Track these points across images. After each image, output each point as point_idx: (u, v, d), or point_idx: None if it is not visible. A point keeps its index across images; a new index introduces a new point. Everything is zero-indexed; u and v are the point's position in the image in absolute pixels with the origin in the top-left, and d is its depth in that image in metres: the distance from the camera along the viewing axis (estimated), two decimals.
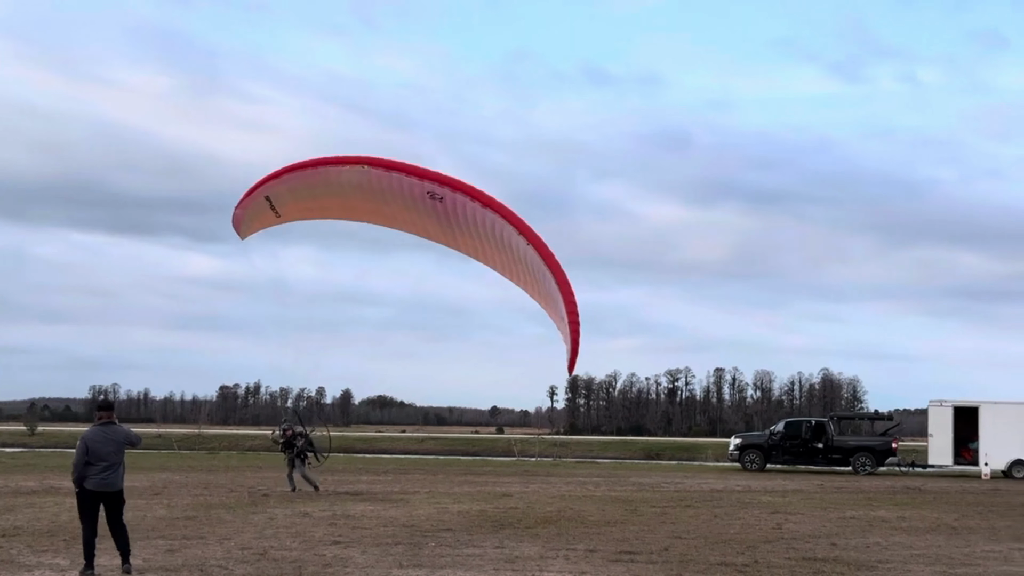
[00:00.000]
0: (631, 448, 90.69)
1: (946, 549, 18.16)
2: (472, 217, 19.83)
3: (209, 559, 15.21)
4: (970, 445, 45.84)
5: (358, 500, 26.11)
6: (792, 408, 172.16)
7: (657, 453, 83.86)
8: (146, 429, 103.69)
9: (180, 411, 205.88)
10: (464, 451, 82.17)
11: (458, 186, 19.68)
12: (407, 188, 19.78)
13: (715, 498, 29.26)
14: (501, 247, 20.19)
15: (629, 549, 17.17)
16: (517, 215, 19.77)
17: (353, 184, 20.22)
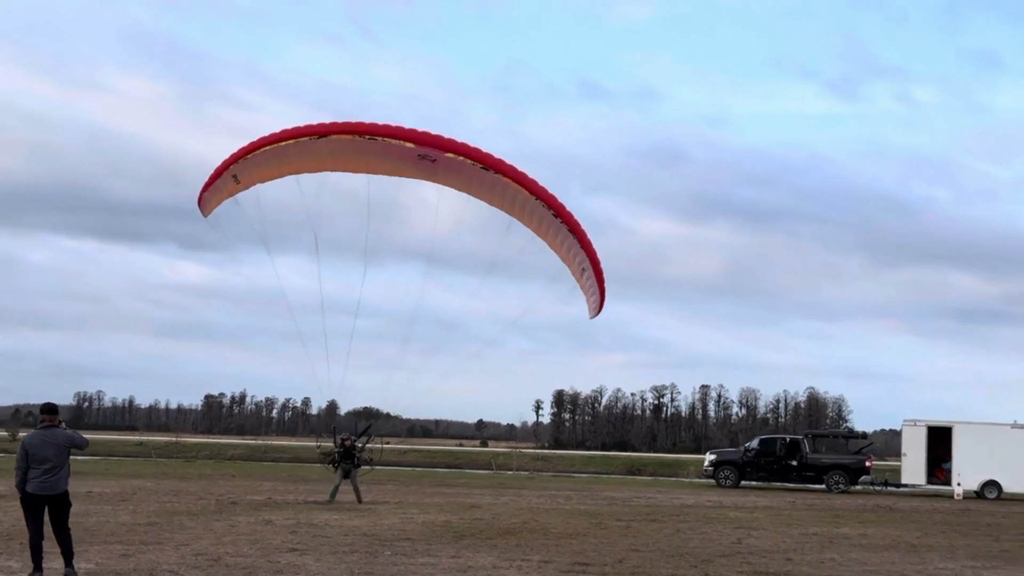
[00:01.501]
0: (612, 463, 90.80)
1: (900, 566, 18.28)
2: (469, 175, 19.84)
3: (161, 564, 15.28)
4: (944, 465, 45.99)
5: (325, 509, 26.16)
6: (777, 426, 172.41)
7: (639, 469, 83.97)
8: (127, 437, 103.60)
9: (165, 419, 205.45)
10: (446, 464, 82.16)
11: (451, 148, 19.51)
12: (395, 151, 19.54)
13: (683, 513, 29.35)
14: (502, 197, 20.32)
15: (584, 561, 17.26)
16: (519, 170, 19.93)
17: (328, 151, 19.82)
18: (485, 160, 19.56)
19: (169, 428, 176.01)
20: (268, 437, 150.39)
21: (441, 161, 19.38)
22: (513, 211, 20.82)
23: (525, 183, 19.99)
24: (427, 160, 19.38)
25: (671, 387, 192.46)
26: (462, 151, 19.43)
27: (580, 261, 20.77)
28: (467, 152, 19.47)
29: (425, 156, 19.29)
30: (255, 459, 78.20)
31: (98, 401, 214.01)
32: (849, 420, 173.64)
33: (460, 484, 42.42)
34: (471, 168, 19.56)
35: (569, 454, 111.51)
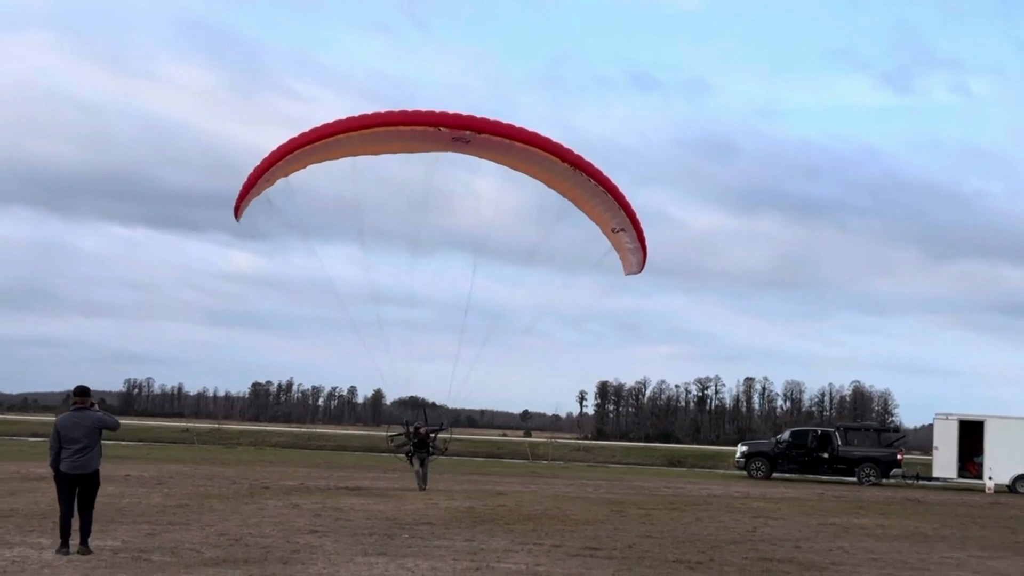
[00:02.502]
0: (653, 455, 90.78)
1: (906, 555, 18.62)
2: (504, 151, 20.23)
3: (184, 543, 15.94)
4: (976, 459, 46.01)
5: (353, 495, 26.83)
6: (821, 419, 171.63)
7: (679, 460, 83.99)
8: (174, 424, 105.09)
9: (213, 407, 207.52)
10: (488, 453, 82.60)
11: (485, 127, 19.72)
12: (429, 136, 19.79)
13: (706, 503, 29.77)
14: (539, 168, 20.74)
15: (594, 545, 17.75)
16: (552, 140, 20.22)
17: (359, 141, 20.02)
18: (518, 135, 19.84)
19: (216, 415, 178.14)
20: (313, 425, 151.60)
21: (475, 141, 19.76)
22: (551, 182, 21.20)
23: (559, 152, 20.23)
24: (460, 142, 19.79)
25: (715, 379, 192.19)
26: (494, 129, 19.71)
27: (618, 222, 21.05)
28: (499, 130, 19.75)
29: (459, 138, 19.66)
30: (299, 446, 79.08)
31: (147, 388, 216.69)
32: (895, 414, 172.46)
33: (493, 473, 43.02)
34: (506, 145, 19.92)
35: (610, 445, 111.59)
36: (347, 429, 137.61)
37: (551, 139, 20.44)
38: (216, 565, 13.85)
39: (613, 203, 20.82)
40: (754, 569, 15.75)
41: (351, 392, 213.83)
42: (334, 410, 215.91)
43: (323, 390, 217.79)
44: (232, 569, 13.53)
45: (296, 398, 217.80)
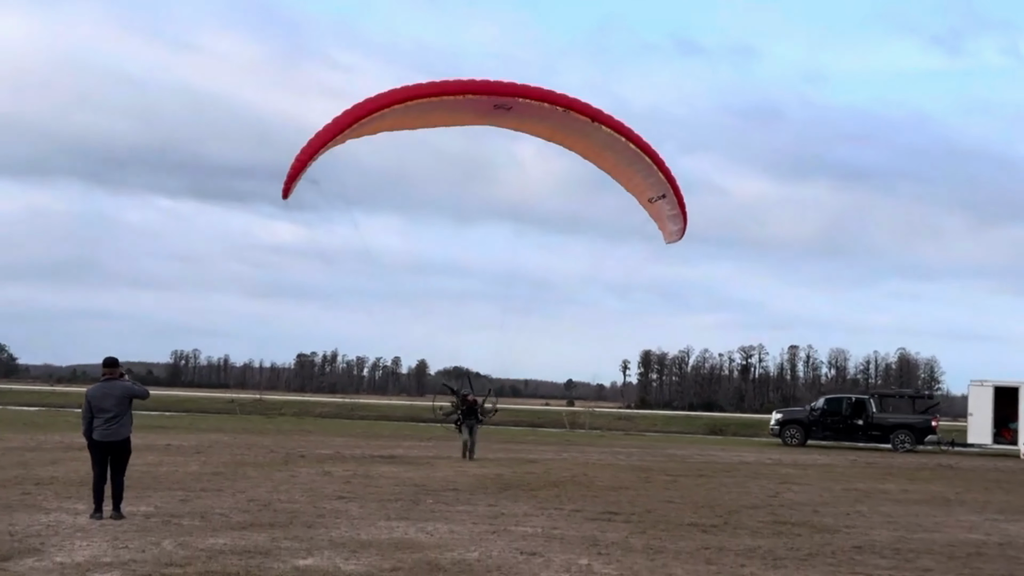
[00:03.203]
0: (695, 423, 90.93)
1: (922, 518, 18.93)
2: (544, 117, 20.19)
3: (215, 508, 16.53)
4: (1011, 425, 46.04)
5: (386, 463, 27.42)
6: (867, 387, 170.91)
7: (720, 428, 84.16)
8: (220, 395, 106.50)
9: (259, 378, 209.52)
10: (528, 423, 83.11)
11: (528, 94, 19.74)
12: (469, 105, 19.78)
13: (735, 469, 30.13)
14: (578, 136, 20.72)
15: (614, 511, 18.18)
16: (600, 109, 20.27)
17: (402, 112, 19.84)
18: (558, 100, 19.91)
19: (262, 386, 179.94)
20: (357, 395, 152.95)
21: (516, 108, 19.77)
22: (585, 144, 21.15)
23: (601, 118, 20.33)
24: (502, 109, 19.80)
25: (759, 348, 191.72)
26: (536, 95, 19.78)
27: (658, 189, 21.08)
28: (541, 95, 19.82)
29: (501, 105, 19.70)
30: (342, 416, 80.00)
31: (194, 359, 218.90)
32: (942, 381, 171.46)
33: (528, 441, 43.52)
34: (547, 110, 19.92)
35: (651, 414, 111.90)
36: (390, 399, 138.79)
37: (590, 104, 20.62)
38: (242, 528, 14.41)
39: (652, 168, 20.83)
40: (767, 532, 16.12)
41: (395, 363, 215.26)
42: (379, 380, 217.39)
43: (367, 361, 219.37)
44: (257, 532, 14.07)
45: (341, 369, 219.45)
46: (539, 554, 13.05)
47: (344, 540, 13.66)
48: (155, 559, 11.73)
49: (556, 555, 13.02)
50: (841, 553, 14.14)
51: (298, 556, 12.27)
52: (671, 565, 12.58)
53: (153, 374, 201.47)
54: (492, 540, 14.16)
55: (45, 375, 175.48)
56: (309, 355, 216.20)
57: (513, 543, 13.91)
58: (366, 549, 12.97)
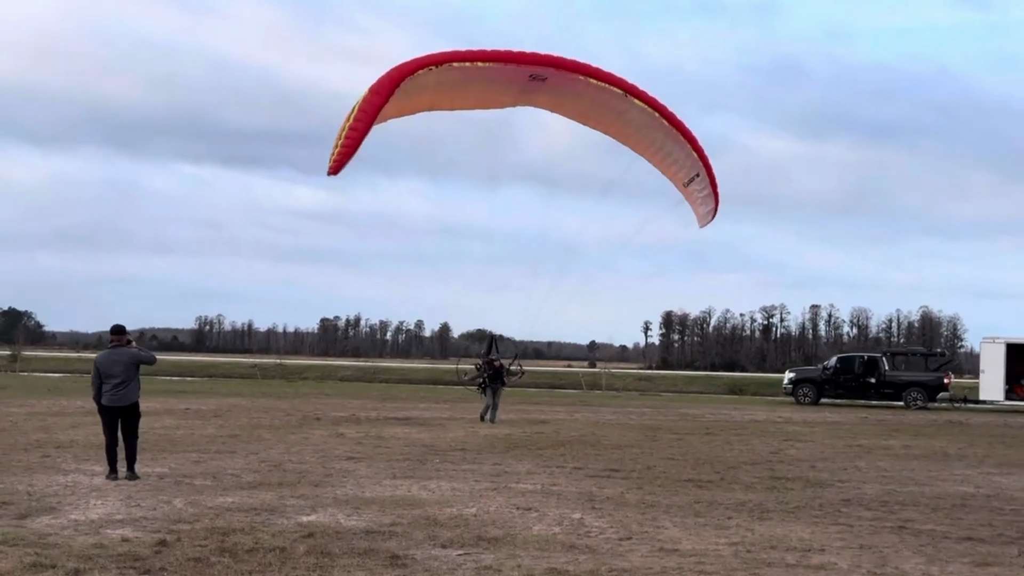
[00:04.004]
0: (715, 383, 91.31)
1: (916, 472, 19.38)
2: (579, 91, 20.02)
3: (227, 469, 17.13)
4: (1022, 381, 46.39)
5: (399, 424, 28.03)
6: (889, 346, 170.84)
7: (740, 388, 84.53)
8: (243, 360, 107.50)
9: (282, 343, 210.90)
10: (549, 384, 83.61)
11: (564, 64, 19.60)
12: (504, 75, 19.60)
13: (744, 427, 30.63)
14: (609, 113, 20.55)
15: (615, 468, 18.70)
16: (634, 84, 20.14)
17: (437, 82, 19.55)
18: (594, 72, 19.84)
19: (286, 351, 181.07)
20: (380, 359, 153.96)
21: (551, 80, 19.64)
22: (619, 126, 21.02)
23: (635, 92, 20.25)
24: (537, 80, 19.66)
25: (780, 307, 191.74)
26: (571, 67, 19.72)
27: (690, 168, 20.99)
28: (576, 67, 19.76)
29: (536, 76, 19.58)
30: (364, 380, 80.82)
31: (218, 325, 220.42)
32: (964, 339, 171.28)
33: (542, 402, 44.08)
34: (581, 83, 19.82)
35: (672, 374, 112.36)
36: (413, 363, 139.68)
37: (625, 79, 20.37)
38: (252, 488, 14.99)
39: (686, 146, 20.71)
40: (760, 487, 16.61)
41: (418, 326, 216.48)
42: (402, 344, 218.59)
43: (391, 324, 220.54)
44: (266, 491, 14.64)
45: (364, 333, 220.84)
46: (535, 509, 13.58)
47: (348, 498, 14.21)
48: (165, 516, 12.31)
49: (551, 510, 13.54)
50: (828, 506, 14.62)
51: (302, 513, 12.82)
52: (661, 518, 13.08)
53: (178, 339, 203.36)
54: (491, 496, 14.70)
55: (71, 342, 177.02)
56: (332, 319, 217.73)
57: (511, 499, 14.44)
58: (368, 506, 13.52)
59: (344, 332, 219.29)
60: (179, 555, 10.01)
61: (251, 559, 9.94)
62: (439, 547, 10.85)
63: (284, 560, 9.91)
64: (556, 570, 9.75)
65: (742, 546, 11.25)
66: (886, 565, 10.45)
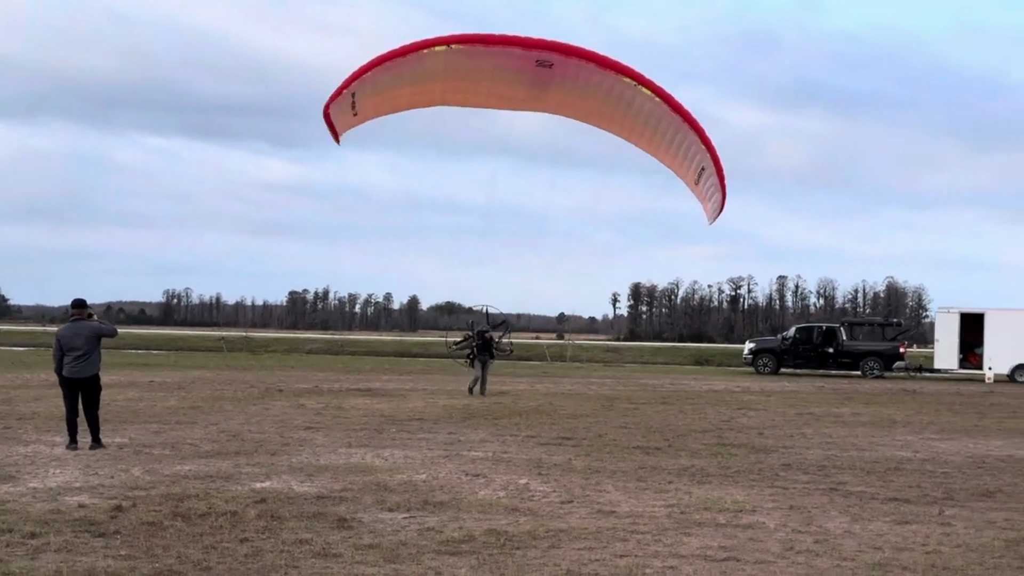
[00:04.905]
0: (682, 354, 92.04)
1: (860, 439, 19.96)
2: (586, 78, 19.65)
3: (186, 439, 17.52)
4: (976, 350, 47.35)
5: (360, 395, 28.46)
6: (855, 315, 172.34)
7: (707, 359, 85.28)
8: (211, 333, 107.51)
9: (251, 316, 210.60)
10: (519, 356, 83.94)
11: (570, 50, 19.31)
12: (512, 62, 19.30)
13: (700, 397, 31.21)
14: (617, 105, 20.15)
15: (567, 436, 19.18)
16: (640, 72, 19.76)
17: (444, 66, 19.40)
18: (603, 61, 19.52)
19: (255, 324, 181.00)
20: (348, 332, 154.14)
21: (558, 66, 19.32)
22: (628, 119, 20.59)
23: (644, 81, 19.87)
24: (544, 66, 19.31)
25: (748, 278, 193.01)
26: (580, 53, 19.43)
27: (699, 162, 20.60)
28: (584, 54, 19.48)
29: (543, 62, 19.23)
30: (332, 353, 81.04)
31: (186, 298, 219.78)
32: (929, 310, 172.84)
33: (504, 373, 44.39)
34: (588, 72, 19.51)
35: (638, 345, 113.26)
36: (382, 335, 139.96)
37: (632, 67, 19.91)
38: (209, 456, 15.39)
39: (695, 139, 20.31)
40: (705, 453, 17.13)
41: (387, 299, 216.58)
42: (371, 317, 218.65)
43: (359, 297, 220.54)
44: (222, 460, 15.05)
45: (333, 306, 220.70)
46: (483, 475, 14.04)
47: (303, 465, 14.64)
48: (122, 484, 12.70)
49: (499, 476, 14.01)
50: (768, 470, 15.15)
51: (257, 480, 13.24)
52: (604, 483, 13.57)
53: (145, 313, 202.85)
54: (442, 464, 15.15)
55: (37, 315, 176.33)
56: (301, 292, 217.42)
57: (462, 466, 14.91)
58: (321, 473, 13.95)
59: (313, 305, 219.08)
60: (133, 520, 10.42)
61: (203, 523, 10.35)
62: (386, 511, 11.30)
63: (235, 523, 10.34)
64: (495, 531, 10.21)
65: (677, 508, 11.75)
66: (811, 524, 10.98)
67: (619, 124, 20.66)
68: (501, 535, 10.03)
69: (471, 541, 9.77)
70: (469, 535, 10.01)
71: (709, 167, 20.39)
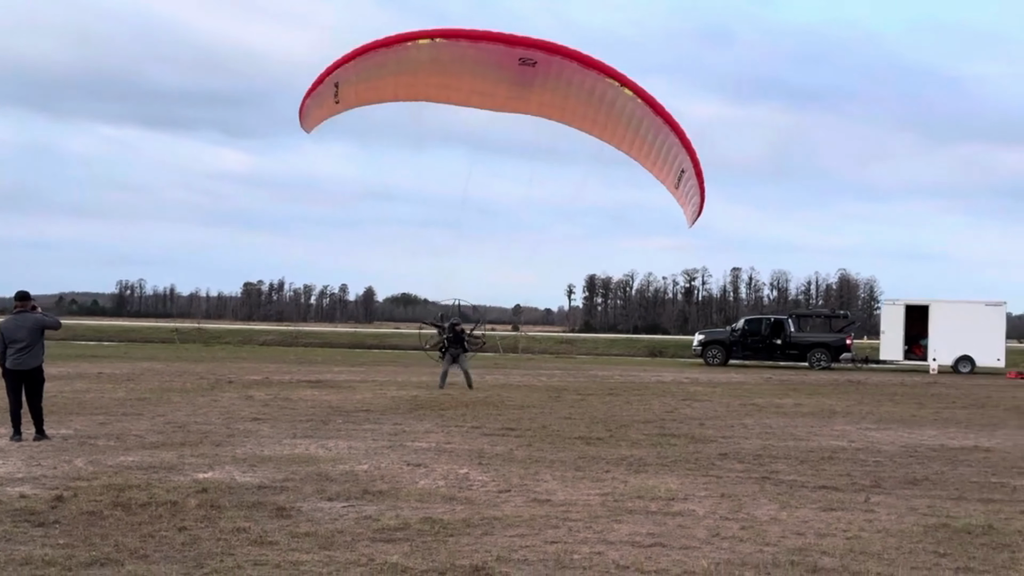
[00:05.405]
0: (636, 346, 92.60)
1: (799, 429, 20.36)
2: (568, 77, 19.69)
3: (131, 430, 17.62)
4: (921, 342, 48.13)
5: (309, 387, 28.58)
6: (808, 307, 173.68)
7: (661, 350, 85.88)
8: (165, 324, 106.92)
9: (206, 307, 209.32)
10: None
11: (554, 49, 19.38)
12: (495, 57, 19.33)
13: (648, 388, 31.59)
14: (599, 105, 20.18)
15: (511, 427, 19.43)
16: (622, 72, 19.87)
17: (428, 59, 19.43)
18: (587, 60, 19.67)
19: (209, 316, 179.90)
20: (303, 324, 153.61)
21: (541, 65, 19.41)
22: (611, 121, 20.63)
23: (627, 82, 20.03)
24: (527, 64, 19.37)
25: (702, 270, 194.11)
26: (563, 52, 19.54)
27: (679, 164, 20.65)
28: (568, 52, 19.60)
29: (525, 59, 19.31)
30: (286, 344, 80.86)
31: (140, 289, 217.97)
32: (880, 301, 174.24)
33: None
34: (571, 71, 19.60)
35: (593, 337, 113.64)
36: (337, 327, 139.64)
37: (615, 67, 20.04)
38: (154, 447, 15.53)
39: (676, 142, 20.39)
40: (646, 443, 17.44)
41: (343, 290, 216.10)
42: (326, 308, 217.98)
43: (315, 289, 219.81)
44: (167, 451, 15.19)
45: (288, 297, 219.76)
46: (424, 465, 14.27)
47: (247, 456, 14.81)
48: (64, 474, 12.83)
49: (440, 466, 14.24)
50: (705, 460, 15.47)
51: (200, 470, 13.40)
52: (542, 472, 13.84)
53: (98, 304, 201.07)
54: (385, 454, 15.37)
55: None
56: (256, 284, 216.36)
57: (404, 456, 15.13)
58: (265, 464, 14.13)
59: (268, 296, 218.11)
60: (74, 509, 10.58)
61: (143, 512, 10.52)
62: (326, 500, 11.51)
63: (174, 513, 10.52)
64: (431, 519, 10.45)
65: (611, 496, 12.04)
66: (740, 511, 11.30)
67: (601, 126, 20.74)
68: (436, 523, 10.27)
69: (406, 529, 10.01)
70: (405, 523, 10.24)
71: (689, 170, 20.53)
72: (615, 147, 21.10)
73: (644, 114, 20.15)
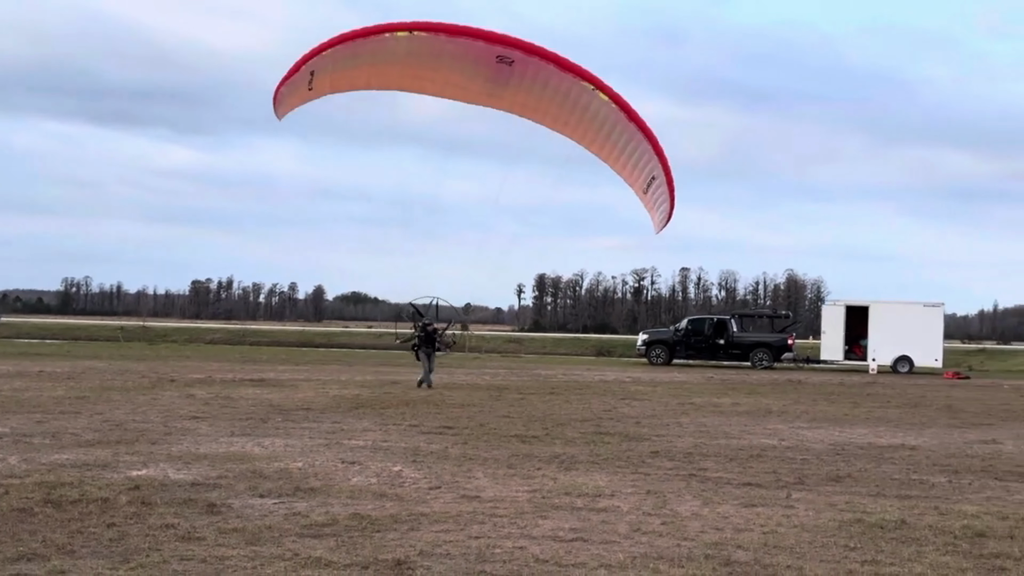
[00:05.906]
0: (584, 345, 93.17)
1: (733, 428, 20.72)
2: (545, 79, 19.82)
3: (68, 428, 17.64)
4: (861, 342, 48.87)
5: (252, 386, 28.63)
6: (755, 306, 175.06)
7: (608, 350, 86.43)
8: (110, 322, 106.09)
9: (153, 305, 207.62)
10: None
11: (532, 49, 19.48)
12: (472, 52, 19.38)
13: (589, 387, 31.90)
14: (573, 108, 20.33)
15: (449, 425, 19.63)
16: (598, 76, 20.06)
17: (406, 51, 19.46)
18: (564, 63, 19.79)
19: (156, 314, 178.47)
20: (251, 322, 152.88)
21: (518, 64, 19.51)
22: (583, 124, 20.78)
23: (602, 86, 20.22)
24: (504, 63, 19.48)
25: (651, 270, 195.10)
26: (539, 52, 19.66)
27: (649, 171, 20.87)
28: (546, 54, 19.73)
29: (503, 58, 19.43)
30: (234, 343, 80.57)
31: (86, 287, 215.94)
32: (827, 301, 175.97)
33: (401, 363, 44.76)
34: (547, 72, 19.69)
35: (542, 336, 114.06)
36: (286, 325, 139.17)
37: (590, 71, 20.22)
38: (89, 445, 15.58)
39: (648, 148, 20.62)
40: (580, 441, 17.70)
41: (292, 288, 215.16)
42: (275, 307, 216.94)
43: (264, 287, 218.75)
44: (103, 449, 15.25)
45: (237, 295, 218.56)
46: (359, 463, 14.44)
47: (182, 454, 14.92)
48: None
49: (375, 463, 14.42)
50: (636, 457, 15.76)
51: (134, 468, 13.50)
52: (474, 470, 14.06)
53: (43, 302, 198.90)
54: (321, 452, 15.52)
55: None
56: (204, 282, 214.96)
57: (340, 454, 15.29)
58: (199, 461, 14.24)
59: (216, 295, 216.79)
60: (3, 506, 10.66)
61: (74, 509, 10.63)
62: (257, 497, 11.67)
63: (105, 510, 10.64)
64: (360, 515, 10.64)
65: (539, 493, 12.28)
66: (664, 507, 11.57)
67: (573, 127, 20.94)
68: (364, 519, 10.46)
69: (334, 525, 10.19)
70: (333, 519, 10.43)
71: (660, 177, 20.76)
72: (586, 148, 21.33)
73: (618, 119, 20.40)
